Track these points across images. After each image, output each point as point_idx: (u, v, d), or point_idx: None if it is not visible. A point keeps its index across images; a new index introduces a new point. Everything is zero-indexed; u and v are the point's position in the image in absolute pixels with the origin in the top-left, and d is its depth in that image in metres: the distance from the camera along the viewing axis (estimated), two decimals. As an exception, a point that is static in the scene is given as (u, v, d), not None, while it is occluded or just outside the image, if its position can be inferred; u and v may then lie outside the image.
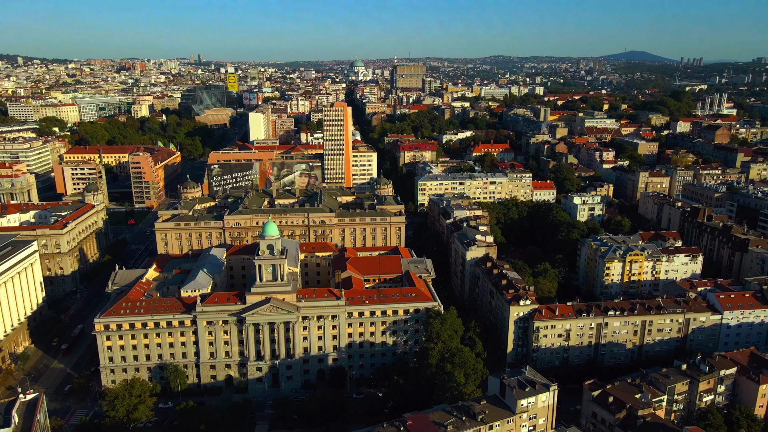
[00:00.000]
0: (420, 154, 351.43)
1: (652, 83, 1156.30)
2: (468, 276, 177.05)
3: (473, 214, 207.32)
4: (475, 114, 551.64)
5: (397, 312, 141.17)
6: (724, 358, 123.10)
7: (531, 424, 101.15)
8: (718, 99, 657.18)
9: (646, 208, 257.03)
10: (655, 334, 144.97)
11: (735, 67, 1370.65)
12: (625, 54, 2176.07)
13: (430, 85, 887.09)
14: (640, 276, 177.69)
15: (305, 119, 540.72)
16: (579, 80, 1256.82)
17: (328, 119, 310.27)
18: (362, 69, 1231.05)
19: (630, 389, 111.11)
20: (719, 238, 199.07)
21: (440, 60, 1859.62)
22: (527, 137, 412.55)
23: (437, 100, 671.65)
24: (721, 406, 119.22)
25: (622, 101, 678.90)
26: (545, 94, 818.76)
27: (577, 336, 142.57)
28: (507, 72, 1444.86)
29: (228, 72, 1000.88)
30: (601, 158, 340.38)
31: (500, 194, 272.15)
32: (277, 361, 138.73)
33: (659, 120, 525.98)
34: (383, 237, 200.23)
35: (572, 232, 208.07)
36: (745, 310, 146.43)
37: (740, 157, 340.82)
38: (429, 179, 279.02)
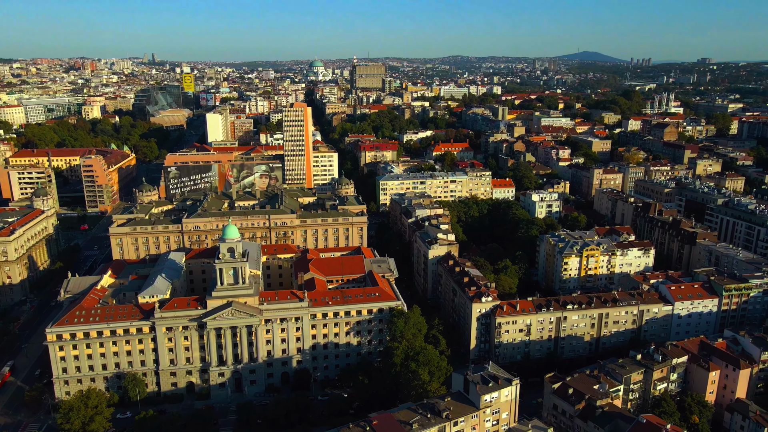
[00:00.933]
0: (381, 154, 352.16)
1: (604, 83, 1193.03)
2: (431, 274, 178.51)
3: (435, 213, 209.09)
4: (434, 113, 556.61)
5: (361, 312, 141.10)
6: (675, 347, 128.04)
7: (494, 419, 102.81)
8: (666, 98, 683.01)
9: (601, 204, 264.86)
10: (612, 326, 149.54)
11: (681, 68, 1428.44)
12: (579, 54, 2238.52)
13: (389, 84, 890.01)
14: (596, 270, 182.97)
15: (264, 120, 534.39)
16: (535, 80, 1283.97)
17: (288, 120, 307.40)
18: (322, 69, 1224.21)
19: (589, 380, 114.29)
20: (669, 232, 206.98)
21: (399, 60, 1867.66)
22: (486, 136, 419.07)
23: (397, 100, 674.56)
24: (674, 394, 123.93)
25: (577, 100, 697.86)
26: (503, 93, 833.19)
27: (538, 330, 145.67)
28: (465, 72, 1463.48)
29: (184, 72, 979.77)
30: (558, 156, 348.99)
31: (461, 193, 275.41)
32: (239, 365, 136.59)
33: (612, 118, 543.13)
34: (345, 237, 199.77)
35: (531, 229, 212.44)
36: (694, 301, 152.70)
37: (687, 153, 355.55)
38: (390, 179, 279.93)
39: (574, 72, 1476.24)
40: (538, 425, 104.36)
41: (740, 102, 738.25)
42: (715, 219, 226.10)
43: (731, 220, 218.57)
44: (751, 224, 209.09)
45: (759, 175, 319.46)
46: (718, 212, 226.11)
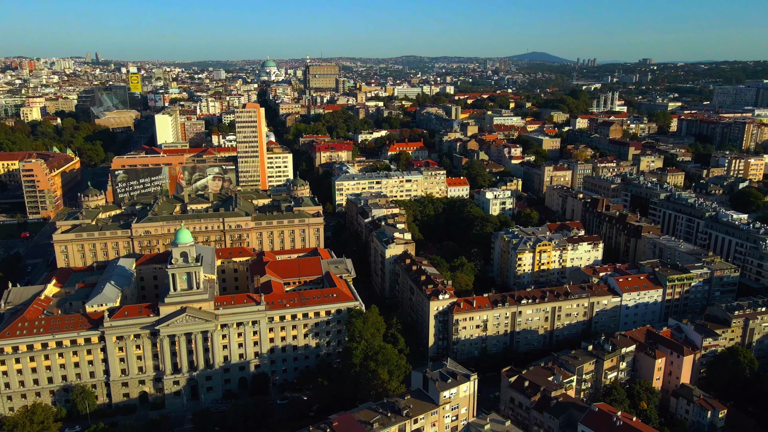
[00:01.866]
0: (336, 154, 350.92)
1: (553, 82, 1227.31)
2: (388, 274, 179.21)
3: (391, 212, 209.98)
4: (389, 113, 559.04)
5: (319, 314, 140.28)
6: (624, 337, 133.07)
7: (454, 414, 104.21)
8: (611, 97, 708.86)
9: (552, 200, 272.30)
10: (564, 318, 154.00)
11: (624, 68, 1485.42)
12: (528, 55, 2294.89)
13: (343, 85, 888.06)
14: (548, 265, 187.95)
15: (216, 121, 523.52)
16: (486, 80, 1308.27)
17: (241, 121, 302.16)
18: (274, 69, 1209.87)
19: (543, 373, 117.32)
20: (616, 226, 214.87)
21: (353, 60, 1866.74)
22: (440, 135, 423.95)
23: (351, 100, 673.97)
24: (623, 382, 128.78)
25: (527, 100, 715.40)
26: (456, 93, 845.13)
27: (494, 326, 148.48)
28: (418, 72, 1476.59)
29: (130, 72, 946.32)
30: (510, 154, 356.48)
31: (416, 192, 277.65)
32: (195, 372, 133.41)
33: (560, 117, 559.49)
34: (302, 239, 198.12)
35: (486, 226, 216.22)
36: (640, 292, 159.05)
37: (632, 150, 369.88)
38: (346, 179, 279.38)
39: (524, 72, 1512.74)
40: (496, 419, 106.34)
41: (679, 101, 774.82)
42: (658, 213, 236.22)
43: (673, 214, 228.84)
44: (690, 217, 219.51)
45: (697, 171, 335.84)
46: (660, 206, 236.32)
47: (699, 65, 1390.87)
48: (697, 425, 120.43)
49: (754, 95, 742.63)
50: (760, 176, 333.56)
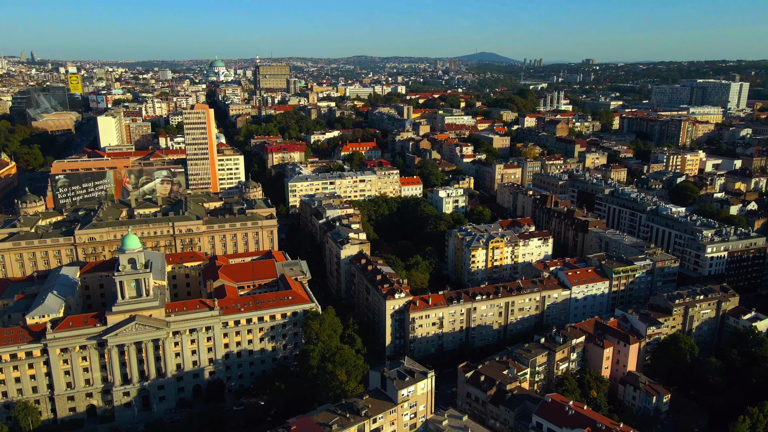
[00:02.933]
0: (288, 156, 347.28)
1: (501, 82, 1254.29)
2: (344, 274, 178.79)
3: (345, 212, 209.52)
4: (341, 113, 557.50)
5: (275, 317, 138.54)
6: (574, 328, 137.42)
7: (412, 412, 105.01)
8: (557, 96, 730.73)
9: (503, 197, 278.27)
10: (518, 313, 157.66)
11: (569, 68, 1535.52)
12: (477, 55, 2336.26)
13: (294, 85, 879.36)
14: (501, 261, 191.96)
15: (163, 123, 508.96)
16: (437, 79, 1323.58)
17: (189, 122, 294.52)
18: (223, 69, 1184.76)
19: (499, 367, 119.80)
20: (565, 222, 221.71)
21: (304, 60, 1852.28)
22: (393, 135, 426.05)
23: (303, 101, 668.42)
24: (574, 372, 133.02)
25: (477, 99, 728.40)
26: (407, 92, 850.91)
27: (450, 323, 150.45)
28: (370, 72, 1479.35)
29: (69, 72, 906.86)
30: (462, 153, 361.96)
31: (370, 192, 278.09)
32: (146, 382, 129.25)
33: (509, 116, 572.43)
34: (255, 242, 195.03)
35: (439, 225, 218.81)
36: (589, 284, 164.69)
37: (577, 148, 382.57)
38: (299, 180, 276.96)
39: (474, 72, 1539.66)
40: (453, 414, 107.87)
41: (620, 100, 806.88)
42: (603, 207, 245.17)
43: (617, 208, 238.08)
44: (633, 211, 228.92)
45: (638, 167, 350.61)
46: (605, 201, 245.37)
47: (638, 65, 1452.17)
48: (643, 410, 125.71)
49: (688, 94, 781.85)
50: (696, 171, 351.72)
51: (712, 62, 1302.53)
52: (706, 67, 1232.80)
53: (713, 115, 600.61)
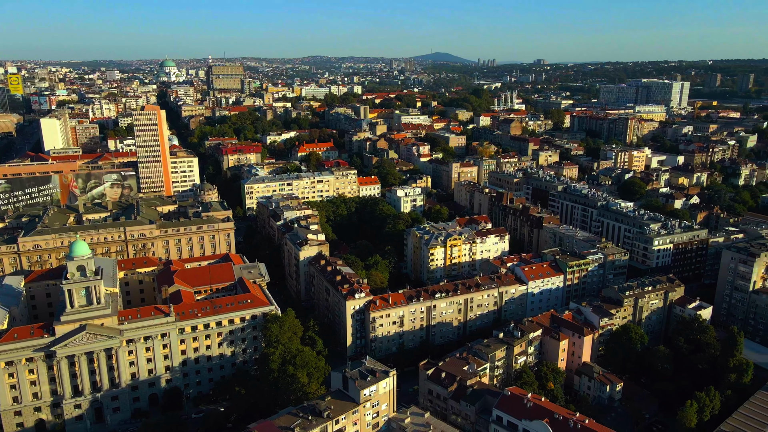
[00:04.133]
0: (244, 157, 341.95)
1: (456, 82, 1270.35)
2: (303, 276, 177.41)
3: (303, 213, 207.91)
4: (297, 114, 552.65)
5: (233, 321, 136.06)
6: (531, 322, 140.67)
7: (375, 411, 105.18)
8: (510, 96, 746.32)
9: (460, 195, 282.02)
10: (476, 309, 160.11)
11: (521, 68, 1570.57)
12: (432, 55, 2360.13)
13: (249, 85, 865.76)
14: (459, 258, 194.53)
15: (112, 125, 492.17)
16: (393, 79, 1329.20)
17: (140, 124, 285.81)
18: (174, 69, 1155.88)
19: (459, 363, 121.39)
20: (520, 218, 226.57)
21: (258, 60, 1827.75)
22: (350, 135, 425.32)
23: (258, 101, 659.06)
24: (532, 365, 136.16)
25: (433, 99, 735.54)
26: (364, 93, 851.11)
27: (410, 321, 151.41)
28: (326, 72, 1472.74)
29: (9, 72, 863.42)
30: (419, 152, 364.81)
31: (328, 192, 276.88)
32: (99, 393, 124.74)
33: (465, 115, 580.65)
34: (212, 245, 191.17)
35: (398, 224, 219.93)
36: (544, 279, 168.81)
37: (531, 146, 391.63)
38: (256, 182, 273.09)
39: (429, 72, 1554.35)
40: (415, 411, 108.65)
41: (571, 99, 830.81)
42: (556, 204, 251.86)
43: (570, 204, 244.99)
44: (585, 207, 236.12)
45: (589, 164, 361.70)
46: (558, 198, 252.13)
47: (587, 66, 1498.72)
48: (598, 399, 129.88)
49: (634, 93, 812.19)
50: (642, 167, 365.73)
51: (655, 63, 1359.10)
52: (650, 67, 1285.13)
53: (657, 113, 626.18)
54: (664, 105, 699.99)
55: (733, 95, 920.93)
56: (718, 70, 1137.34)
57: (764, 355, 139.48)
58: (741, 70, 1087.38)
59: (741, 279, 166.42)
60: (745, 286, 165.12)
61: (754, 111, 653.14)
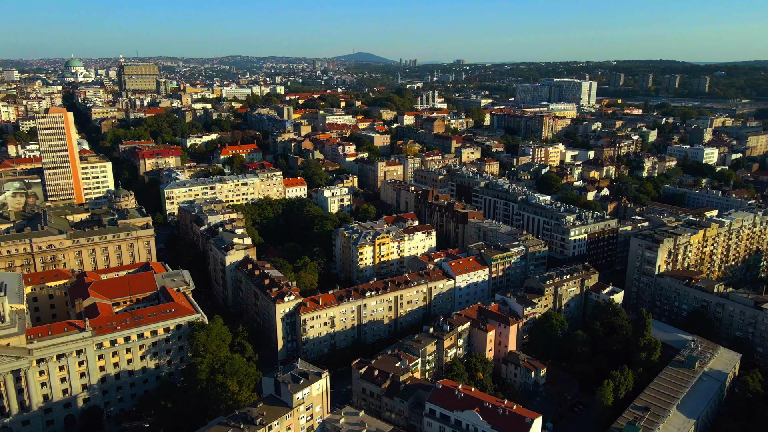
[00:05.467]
0: (163, 161, 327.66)
1: (379, 81, 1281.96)
2: (230, 281, 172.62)
3: (228, 217, 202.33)
4: (218, 115, 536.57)
5: (157, 332, 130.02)
6: (460, 316, 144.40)
7: (308, 414, 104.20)
8: (433, 95, 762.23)
9: (387, 194, 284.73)
10: (406, 306, 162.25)
11: (442, 68, 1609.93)
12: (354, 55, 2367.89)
13: (165, 86, 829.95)
14: (388, 256, 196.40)
15: (12, 129, 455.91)
16: (316, 79, 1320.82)
17: (45, 128, 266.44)
18: (81, 69, 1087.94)
19: (391, 360, 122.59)
20: (446, 214, 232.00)
21: (174, 60, 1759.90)
22: (274, 136, 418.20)
23: (176, 103, 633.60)
24: (462, 357, 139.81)
25: (356, 98, 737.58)
26: (286, 93, 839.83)
27: (342, 321, 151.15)
28: (246, 72, 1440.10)
29: None
30: (344, 152, 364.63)
31: (253, 195, 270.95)
32: (7, 419, 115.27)
33: (389, 114, 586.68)
34: (130, 254, 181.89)
35: (326, 224, 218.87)
36: (471, 273, 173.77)
37: (454, 144, 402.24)
38: (176, 186, 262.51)
39: (352, 72, 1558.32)
40: (350, 411, 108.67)
41: (490, 98, 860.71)
42: (480, 199, 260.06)
43: (492, 199, 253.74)
44: (506, 201, 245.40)
45: (509, 160, 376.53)
46: (481, 193, 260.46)
47: (503, 66, 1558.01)
48: (524, 385, 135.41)
49: (547, 92, 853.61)
50: (557, 162, 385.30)
51: (566, 63, 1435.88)
52: (561, 67, 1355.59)
53: (569, 111, 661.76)
54: (575, 103, 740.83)
55: (635, 93, 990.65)
56: (621, 70, 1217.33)
57: (670, 334, 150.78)
58: (641, 71, 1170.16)
59: (647, 264, 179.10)
60: (651, 271, 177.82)
61: (653, 108, 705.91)
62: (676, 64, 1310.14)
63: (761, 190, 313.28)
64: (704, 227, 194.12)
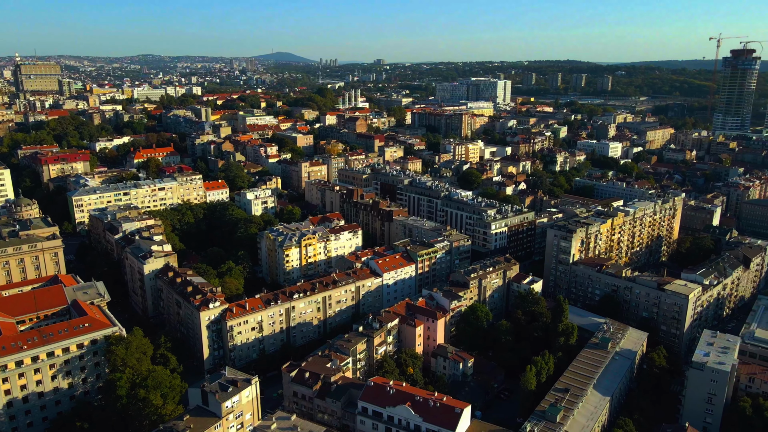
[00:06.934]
0: (70, 166, 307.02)
1: (300, 81, 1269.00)
2: (149, 290, 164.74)
3: (145, 224, 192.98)
4: (130, 117, 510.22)
5: (69, 349, 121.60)
6: (388, 313, 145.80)
7: (239, 422, 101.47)
8: (354, 95, 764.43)
9: (312, 195, 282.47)
10: (335, 306, 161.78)
11: (362, 67, 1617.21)
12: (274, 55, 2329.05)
13: (69, 87, 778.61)
14: (315, 257, 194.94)
15: None
16: (235, 80, 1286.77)
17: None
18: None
19: (322, 361, 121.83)
20: (371, 213, 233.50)
21: (79, 59, 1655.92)
22: (192, 138, 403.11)
23: (82, 104, 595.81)
24: (392, 353, 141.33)
25: (277, 99, 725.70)
26: (204, 94, 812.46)
27: (270, 325, 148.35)
28: (160, 72, 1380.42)
29: None
30: (266, 153, 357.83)
31: (172, 200, 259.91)
32: None
33: (311, 114, 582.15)
34: (35, 267, 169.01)
35: (250, 227, 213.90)
36: (398, 270, 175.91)
37: (377, 142, 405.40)
38: (86, 193, 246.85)
39: (272, 72, 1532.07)
40: (281, 416, 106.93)
41: (410, 96, 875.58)
42: (404, 197, 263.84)
43: (416, 197, 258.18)
44: (430, 198, 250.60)
45: (431, 157, 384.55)
46: (405, 191, 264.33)
47: (423, 65, 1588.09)
48: (453, 377, 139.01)
49: (465, 91, 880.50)
50: (477, 158, 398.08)
51: (481, 63, 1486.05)
52: (477, 67, 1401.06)
53: (487, 109, 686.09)
54: (491, 101, 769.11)
55: (546, 92, 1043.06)
56: (533, 70, 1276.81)
57: (585, 318, 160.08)
58: (551, 71, 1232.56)
59: (563, 253, 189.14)
60: (566, 259, 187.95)
61: (563, 106, 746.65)
62: (582, 64, 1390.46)
63: (659, 180, 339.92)
64: (612, 216, 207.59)
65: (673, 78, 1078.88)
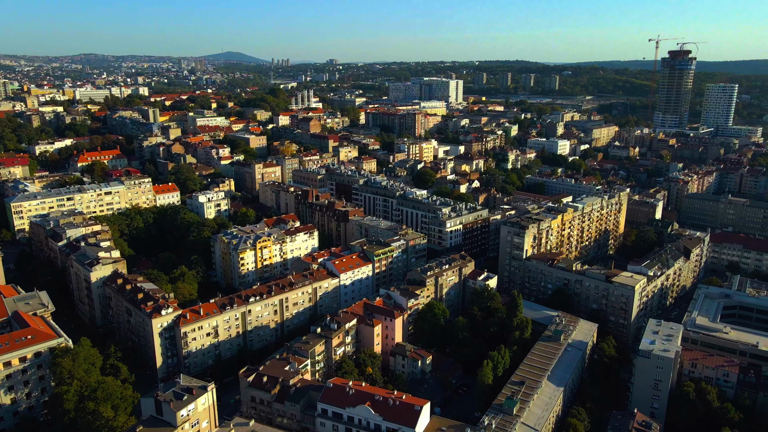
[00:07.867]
0: (7, 171, 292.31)
1: (252, 81, 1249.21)
2: (97, 299, 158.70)
3: (91, 230, 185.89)
4: (72, 119, 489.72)
5: (10, 363, 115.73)
6: (346, 313, 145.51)
7: (195, 431, 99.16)
8: (307, 95, 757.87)
9: (266, 196, 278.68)
10: (292, 308, 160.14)
11: (315, 67, 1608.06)
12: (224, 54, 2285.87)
13: (5, 87, 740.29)
14: (270, 259, 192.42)
15: None
16: (183, 80, 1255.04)
17: None
18: None
19: (280, 364, 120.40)
20: (327, 214, 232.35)
21: (14, 58, 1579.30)
22: (139, 141, 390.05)
23: (19, 106, 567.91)
24: (350, 354, 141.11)
25: (228, 99, 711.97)
26: (151, 94, 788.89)
27: (225, 330, 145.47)
28: (103, 72, 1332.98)
29: None
30: (218, 155, 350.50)
31: (120, 204, 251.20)
32: None
33: (263, 115, 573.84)
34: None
35: (203, 231, 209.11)
36: (355, 270, 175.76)
37: (331, 143, 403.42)
38: (26, 199, 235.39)
39: (222, 72, 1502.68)
40: (239, 422, 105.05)
41: (364, 96, 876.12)
42: (359, 197, 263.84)
43: (371, 196, 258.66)
44: (385, 197, 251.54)
45: (385, 157, 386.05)
46: (361, 191, 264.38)
47: (375, 65, 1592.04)
48: (412, 375, 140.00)
49: (418, 90, 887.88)
50: (431, 157, 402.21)
51: (433, 63, 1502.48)
52: (429, 67, 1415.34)
53: (439, 108, 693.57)
54: (444, 101, 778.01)
55: (497, 91, 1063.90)
56: (484, 69, 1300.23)
57: (538, 312, 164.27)
58: (501, 70, 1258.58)
59: (516, 249, 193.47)
60: (519, 255, 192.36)
61: (513, 105, 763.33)
62: (531, 64, 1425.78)
63: (606, 176, 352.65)
64: (562, 212, 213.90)
65: (616, 78, 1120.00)
